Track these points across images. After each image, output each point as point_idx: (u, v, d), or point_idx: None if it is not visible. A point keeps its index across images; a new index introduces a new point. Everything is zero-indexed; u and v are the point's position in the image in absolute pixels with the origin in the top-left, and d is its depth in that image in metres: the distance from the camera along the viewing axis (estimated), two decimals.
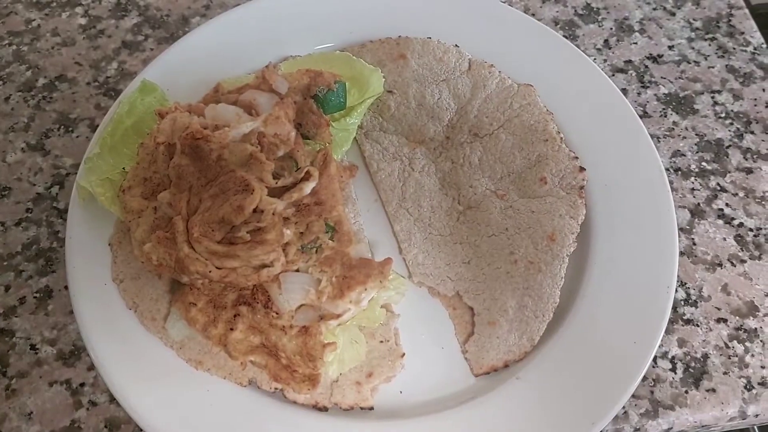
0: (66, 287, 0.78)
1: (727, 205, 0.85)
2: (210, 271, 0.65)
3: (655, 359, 0.76)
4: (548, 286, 0.74)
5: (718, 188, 0.87)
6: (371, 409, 0.65)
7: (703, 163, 0.88)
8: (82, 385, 0.75)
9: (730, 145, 0.90)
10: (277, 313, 0.66)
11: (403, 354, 0.71)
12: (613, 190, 0.80)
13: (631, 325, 0.71)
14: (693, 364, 0.76)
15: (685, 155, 0.89)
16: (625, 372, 0.69)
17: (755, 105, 0.93)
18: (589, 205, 0.79)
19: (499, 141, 0.82)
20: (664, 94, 0.94)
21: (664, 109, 0.93)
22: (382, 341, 0.72)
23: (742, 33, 1.00)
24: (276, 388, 0.66)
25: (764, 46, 0.98)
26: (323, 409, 0.64)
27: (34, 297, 0.80)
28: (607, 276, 0.75)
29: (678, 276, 0.77)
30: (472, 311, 0.75)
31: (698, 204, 0.85)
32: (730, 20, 1.01)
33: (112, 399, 0.73)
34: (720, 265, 0.81)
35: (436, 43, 0.87)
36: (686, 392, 0.74)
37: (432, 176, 0.82)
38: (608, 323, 0.72)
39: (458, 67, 0.87)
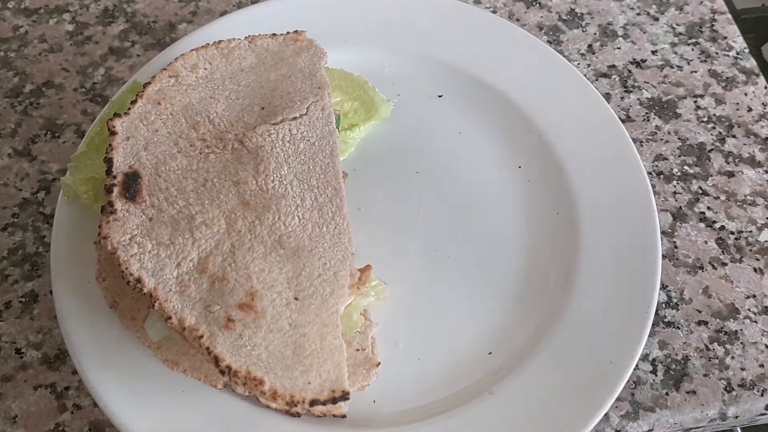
0: (51, 291, 0.79)
1: (708, 208, 0.86)
2: None
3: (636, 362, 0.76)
4: None
5: (700, 192, 0.87)
6: (344, 417, 0.65)
7: (686, 167, 0.89)
8: (66, 388, 0.75)
9: (712, 149, 0.91)
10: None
11: (379, 363, 0.72)
12: (596, 196, 0.80)
13: (608, 345, 0.71)
14: (674, 366, 0.76)
15: (667, 159, 0.90)
16: (599, 392, 0.68)
17: (737, 109, 0.94)
18: (572, 210, 0.80)
19: None
20: (647, 98, 0.95)
21: (647, 113, 0.94)
22: (358, 349, 0.72)
23: (725, 38, 1.01)
24: (250, 393, 0.66)
25: (746, 50, 0.99)
26: (296, 415, 0.64)
27: (20, 301, 0.80)
28: (588, 292, 0.75)
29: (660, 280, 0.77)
30: None
31: (680, 207, 0.86)
32: (713, 25, 1.02)
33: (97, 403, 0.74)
34: (701, 268, 0.82)
35: None
36: (667, 394, 0.75)
37: None
38: (586, 343, 0.72)
39: None
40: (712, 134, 0.92)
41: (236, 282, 0.65)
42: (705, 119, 0.93)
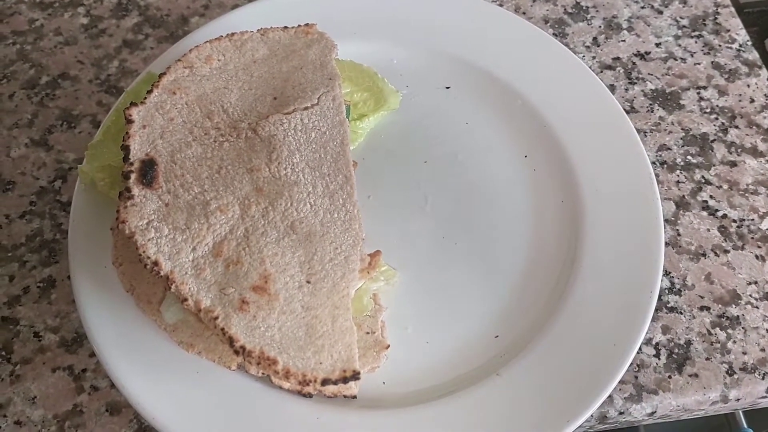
0: (69, 277, 0.81)
1: (711, 197, 0.88)
2: None
3: (639, 346, 0.78)
4: None
5: (703, 181, 0.89)
6: (354, 397, 0.67)
7: (689, 157, 0.91)
8: (84, 370, 0.77)
9: (714, 140, 0.92)
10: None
11: (388, 346, 0.73)
12: (600, 185, 0.82)
13: (612, 329, 0.72)
14: (676, 351, 0.78)
15: (671, 149, 0.91)
16: (603, 374, 0.70)
17: (740, 100, 0.95)
18: (577, 198, 0.82)
19: None
20: (651, 90, 0.97)
21: (650, 104, 0.95)
22: (368, 332, 0.73)
23: (728, 30, 1.02)
24: (263, 373, 0.68)
25: (749, 43, 1.01)
26: (307, 396, 0.65)
27: (38, 287, 0.82)
28: (593, 277, 0.76)
29: (663, 266, 0.79)
30: None
31: (683, 196, 0.88)
32: (716, 18, 1.03)
33: (114, 384, 0.75)
34: (704, 255, 0.84)
35: None
36: (669, 377, 0.76)
37: None
38: (590, 327, 0.73)
39: None
40: (714, 125, 0.93)
41: (250, 265, 0.67)
42: (708, 110, 0.95)
